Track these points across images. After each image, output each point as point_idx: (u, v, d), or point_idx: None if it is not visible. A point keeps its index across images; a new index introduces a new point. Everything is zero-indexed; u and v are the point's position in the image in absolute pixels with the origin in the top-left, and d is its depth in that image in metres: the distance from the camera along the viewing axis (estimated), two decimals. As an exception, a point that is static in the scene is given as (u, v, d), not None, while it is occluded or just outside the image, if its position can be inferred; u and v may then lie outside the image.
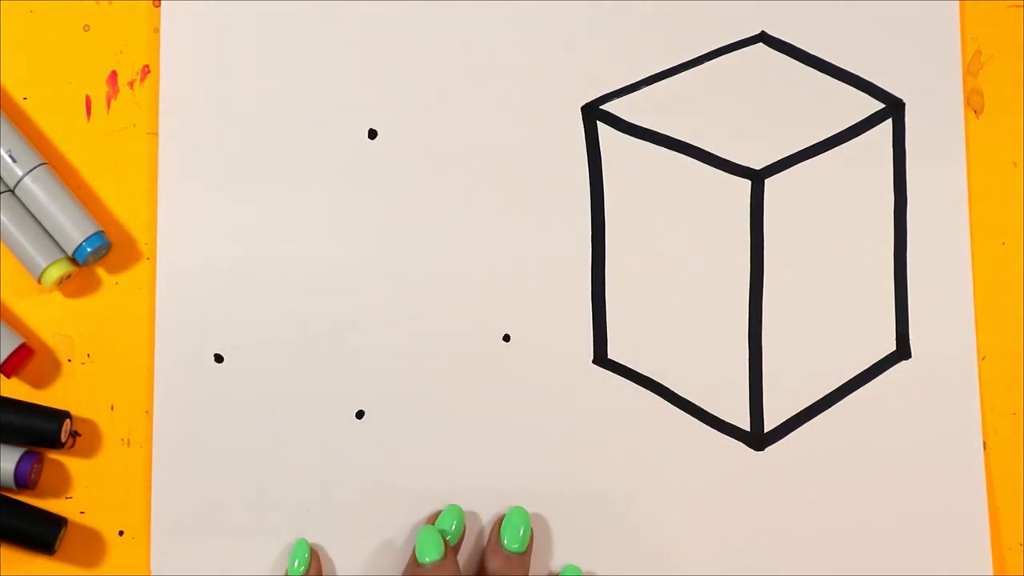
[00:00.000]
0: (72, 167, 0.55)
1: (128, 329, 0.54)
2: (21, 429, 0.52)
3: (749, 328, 0.56)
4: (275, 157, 0.55)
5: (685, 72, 0.57)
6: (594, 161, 0.56)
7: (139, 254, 0.55)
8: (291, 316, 0.55)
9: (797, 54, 0.58)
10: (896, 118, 0.58)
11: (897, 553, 0.56)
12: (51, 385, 0.54)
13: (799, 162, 0.57)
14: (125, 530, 0.54)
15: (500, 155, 0.56)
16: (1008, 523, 0.56)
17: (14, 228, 0.53)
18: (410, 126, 0.56)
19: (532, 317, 0.55)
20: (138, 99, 0.55)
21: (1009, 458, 0.57)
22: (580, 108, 0.57)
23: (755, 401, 0.56)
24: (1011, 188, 0.58)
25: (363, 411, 0.55)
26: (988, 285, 0.57)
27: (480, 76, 0.57)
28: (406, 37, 0.56)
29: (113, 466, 0.54)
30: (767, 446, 0.56)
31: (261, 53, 0.56)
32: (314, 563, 0.53)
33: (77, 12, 0.55)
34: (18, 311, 0.54)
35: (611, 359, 0.55)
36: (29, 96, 0.55)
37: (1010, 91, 0.59)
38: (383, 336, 0.55)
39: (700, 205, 0.56)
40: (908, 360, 0.57)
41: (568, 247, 0.56)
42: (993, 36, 0.59)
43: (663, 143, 0.56)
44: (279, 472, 0.54)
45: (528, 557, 0.53)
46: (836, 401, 0.56)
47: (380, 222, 0.55)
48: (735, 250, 0.56)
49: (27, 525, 0.52)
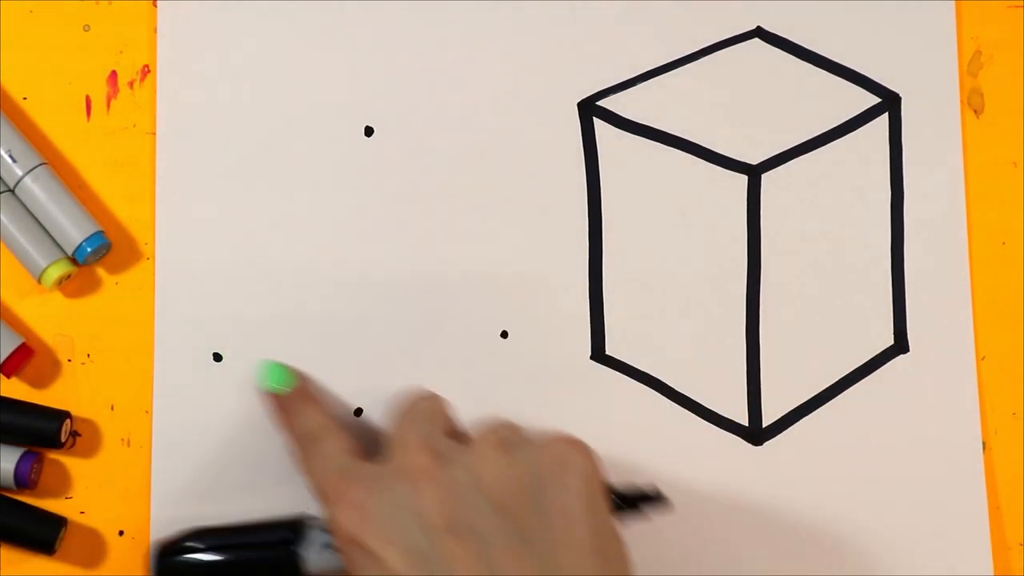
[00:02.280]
0: (72, 167, 0.55)
1: (128, 329, 0.54)
2: (21, 429, 0.52)
3: (746, 323, 0.56)
4: (272, 155, 0.55)
5: (681, 68, 0.57)
6: (591, 157, 0.56)
7: (139, 254, 0.55)
8: (290, 314, 0.55)
9: (793, 49, 0.58)
10: (892, 112, 0.58)
11: (897, 552, 0.55)
12: (51, 385, 0.54)
13: (796, 157, 0.57)
14: (125, 530, 0.54)
15: (497, 151, 0.56)
16: (1008, 523, 0.56)
17: (14, 228, 0.53)
18: (407, 123, 0.56)
19: (530, 314, 0.55)
20: (138, 99, 0.55)
21: (1009, 458, 0.57)
22: (576, 104, 0.57)
23: (753, 396, 0.56)
24: (1011, 188, 0.58)
25: (361, 409, 0.55)
26: (988, 286, 0.57)
27: (476, 72, 0.57)
28: (402, 34, 0.56)
29: (113, 466, 0.54)
30: (765, 441, 0.56)
31: (258, 52, 0.56)
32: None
33: (77, 12, 0.55)
34: (18, 311, 0.54)
35: (609, 355, 0.55)
36: (29, 96, 0.55)
37: (1010, 91, 0.59)
38: (381, 333, 0.55)
39: (697, 200, 0.56)
40: (906, 355, 0.57)
41: (565, 243, 0.56)
42: (993, 36, 0.59)
43: (660, 139, 0.57)
44: (279, 471, 0.54)
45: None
46: (834, 396, 0.56)
47: (377, 219, 0.55)
48: (732, 245, 0.56)
49: (27, 525, 0.52)
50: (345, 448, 0.50)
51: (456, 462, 0.46)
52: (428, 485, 0.45)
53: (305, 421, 0.51)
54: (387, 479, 0.46)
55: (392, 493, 0.45)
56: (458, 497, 0.44)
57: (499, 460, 0.46)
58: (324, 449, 0.50)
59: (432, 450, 0.47)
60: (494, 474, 0.45)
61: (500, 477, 0.45)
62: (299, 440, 0.51)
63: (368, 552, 0.44)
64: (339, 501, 0.46)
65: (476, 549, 0.43)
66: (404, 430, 0.49)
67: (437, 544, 0.43)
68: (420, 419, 0.49)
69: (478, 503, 0.44)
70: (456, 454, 0.46)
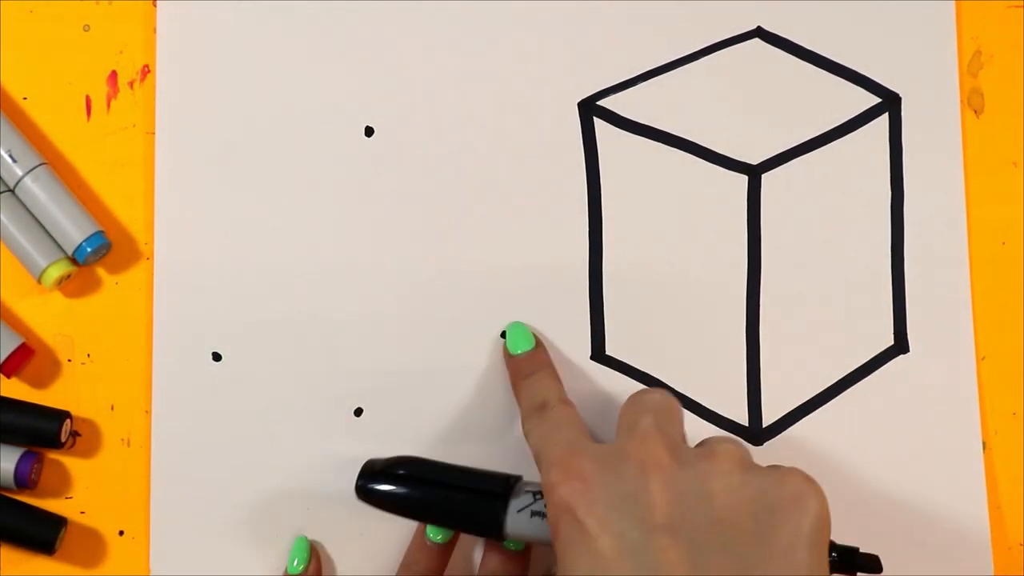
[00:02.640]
0: (72, 167, 0.55)
1: (128, 329, 0.54)
2: (21, 429, 0.52)
3: (747, 323, 0.56)
4: (272, 155, 0.55)
5: (682, 67, 0.57)
6: (591, 157, 0.56)
7: (139, 254, 0.55)
8: (289, 314, 0.55)
9: (793, 49, 0.58)
10: (892, 112, 0.58)
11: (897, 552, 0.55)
12: (51, 385, 0.54)
13: (796, 157, 0.57)
14: (125, 530, 0.54)
15: (497, 151, 0.56)
16: (1009, 523, 0.56)
17: (14, 228, 0.53)
18: (407, 123, 0.56)
19: (530, 314, 0.55)
20: (138, 99, 0.55)
21: (1009, 458, 0.57)
22: (577, 104, 0.57)
23: (753, 396, 0.56)
24: (1011, 188, 0.58)
25: (361, 408, 0.55)
26: (988, 286, 0.57)
27: (477, 72, 0.57)
28: (402, 34, 0.56)
29: (113, 466, 0.54)
30: (765, 441, 0.56)
31: (258, 52, 0.56)
32: (313, 561, 0.53)
33: (77, 12, 0.56)
34: (18, 311, 0.54)
35: (609, 355, 0.55)
36: (29, 96, 0.55)
37: (1010, 91, 0.59)
38: (381, 333, 0.55)
39: (697, 200, 0.56)
40: (906, 355, 0.57)
41: (565, 243, 0.56)
42: (993, 36, 0.59)
43: (660, 139, 0.57)
44: (278, 471, 0.54)
45: (527, 555, 0.53)
46: (834, 396, 0.56)
47: (377, 219, 0.55)
48: (732, 245, 0.56)
49: (27, 525, 0.52)
50: (577, 421, 0.49)
51: (691, 465, 0.44)
52: (659, 479, 0.43)
53: (539, 387, 0.51)
54: (619, 461, 0.44)
55: (620, 477, 0.43)
56: (685, 501, 0.42)
57: (735, 475, 0.44)
58: (556, 417, 0.49)
59: (669, 446, 0.45)
60: (728, 488, 0.43)
61: (732, 493, 0.43)
62: (532, 405, 0.51)
63: (581, 527, 0.42)
64: (565, 469, 0.44)
65: (689, 556, 0.41)
66: (640, 417, 0.46)
67: (652, 540, 0.41)
68: (658, 412, 0.47)
69: (704, 512, 0.42)
70: (693, 458, 0.44)
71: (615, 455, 0.44)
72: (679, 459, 0.44)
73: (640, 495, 0.43)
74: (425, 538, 0.52)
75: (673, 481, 0.43)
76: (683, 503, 0.42)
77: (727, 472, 0.44)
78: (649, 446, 0.44)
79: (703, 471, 0.44)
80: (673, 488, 0.43)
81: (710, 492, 0.43)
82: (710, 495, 0.43)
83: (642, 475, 0.43)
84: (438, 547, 0.52)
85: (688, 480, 0.43)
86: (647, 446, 0.44)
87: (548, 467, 0.45)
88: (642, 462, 0.44)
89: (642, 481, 0.43)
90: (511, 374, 0.54)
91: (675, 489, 0.43)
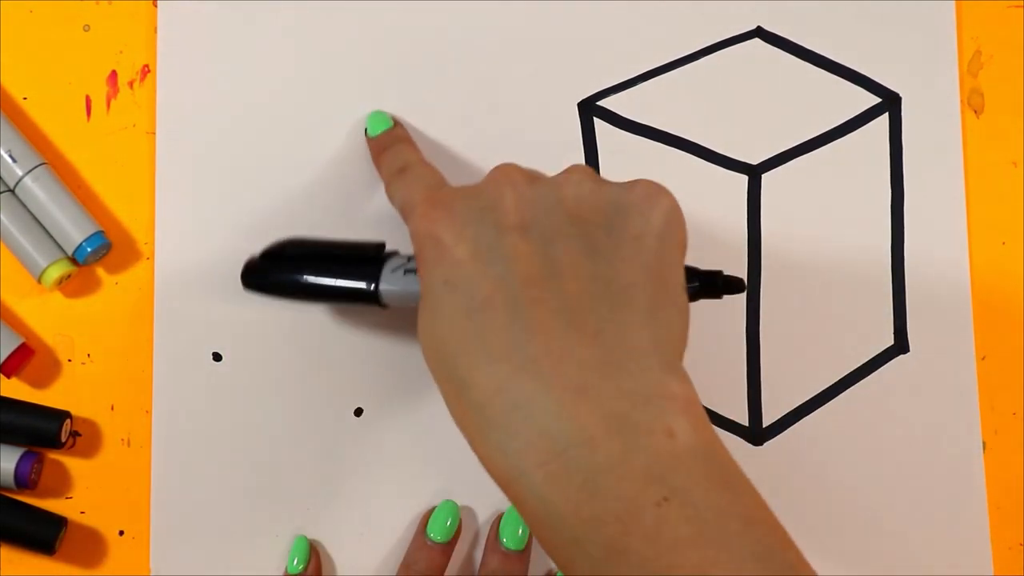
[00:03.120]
0: (72, 167, 0.55)
1: (128, 329, 0.54)
2: (21, 429, 0.52)
3: (747, 323, 0.56)
4: (272, 155, 0.55)
5: (682, 68, 0.57)
6: (591, 157, 0.56)
7: (139, 254, 0.55)
8: (289, 314, 0.55)
9: (793, 49, 0.58)
10: (892, 112, 0.58)
11: (897, 552, 0.55)
12: (51, 385, 0.54)
13: (796, 157, 0.57)
14: (125, 530, 0.54)
15: (497, 151, 0.56)
16: (1008, 523, 0.56)
17: (14, 228, 0.53)
18: (407, 123, 0.56)
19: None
20: (138, 99, 0.55)
21: (1009, 458, 0.57)
22: (577, 104, 0.57)
23: (753, 396, 0.56)
24: (1011, 188, 0.58)
25: (361, 409, 0.55)
26: (988, 285, 0.57)
27: (476, 72, 0.57)
28: (402, 35, 0.56)
29: (113, 466, 0.54)
30: (765, 441, 0.56)
31: (258, 52, 0.56)
32: (313, 561, 0.53)
33: (77, 12, 0.56)
34: (18, 311, 0.54)
35: (609, 355, 0.55)
36: (29, 96, 0.55)
37: (1010, 91, 0.59)
38: (381, 333, 0.55)
39: (697, 200, 0.56)
40: (906, 355, 0.57)
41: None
42: (993, 36, 0.59)
43: (660, 139, 0.57)
44: (278, 471, 0.54)
45: (527, 555, 0.53)
46: (834, 396, 0.56)
47: (377, 219, 0.55)
48: (732, 245, 0.56)
49: (27, 525, 0.52)
50: (439, 175, 0.51)
51: (545, 180, 0.46)
52: (512, 192, 0.44)
53: (399, 155, 0.52)
54: (476, 188, 0.46)
55: (477, 198, 0.45)
56: (539, 205, 0.44)
57: (586, 184, 0.45)
58: (418, 172, 0.51)
59: (528, 172, 0.46)
60: (578, 193, 0.45)
61: (583, 196, 0.45)
62: (392, 171, 0.52)
63: (439, 244, 0.43)
64: (429, 205, 0.45)
65: (540, 249, 0.43)
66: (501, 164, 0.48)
67: (504, 238, 0.43)
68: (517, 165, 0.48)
69: (554, 212, 0.44)
70: (547, 177, 0.46)
71: (474, 186, 0.46)
72: (535, 178, 0.46)
73: (496, 206, 0.44)
74: (425, 538, 0.52)
75: (527, 192, 0.45)
76: (536, 207, 0.44)
77: (578, 182, 0.45)
78: (505, 170, 0.46)
79: (556, 182, 0.45)
80: (525, 197, 0.45)
81: (562, 197, 0.44)
82: (562, 199, 0.44)
83: (497, 190, 0.45)
84: (438, 547, 0.52)
85: (542, 189, 0.45)
86: (503, 171, 0.46)
87: (412, 211, 0.47)
88: (497, 181, 0.45)
89: (497, 196, 0.45)
90: (372, 153, 0.55)
91: (528, 198, 0.44)
